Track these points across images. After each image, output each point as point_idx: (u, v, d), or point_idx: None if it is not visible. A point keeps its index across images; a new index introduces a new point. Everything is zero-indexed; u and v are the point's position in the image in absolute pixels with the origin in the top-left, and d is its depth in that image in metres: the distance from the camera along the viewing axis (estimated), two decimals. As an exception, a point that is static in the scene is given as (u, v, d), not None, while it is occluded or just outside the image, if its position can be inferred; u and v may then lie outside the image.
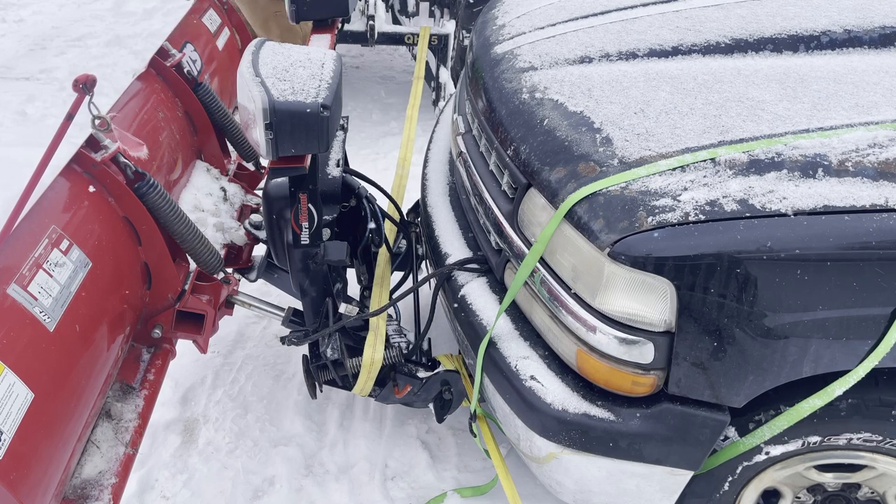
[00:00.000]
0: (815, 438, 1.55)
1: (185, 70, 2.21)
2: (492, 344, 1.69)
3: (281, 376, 2.60)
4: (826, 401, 1.45)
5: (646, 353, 1.43)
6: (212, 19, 2.71)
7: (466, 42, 4.27)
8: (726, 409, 1.50)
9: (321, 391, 2.10)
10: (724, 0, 2.08)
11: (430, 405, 2.07)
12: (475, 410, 1.91)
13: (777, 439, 1.55)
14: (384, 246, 2.26)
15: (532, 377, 1.59)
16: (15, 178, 1.35)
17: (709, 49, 1.84)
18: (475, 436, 2.02)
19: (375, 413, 2.46)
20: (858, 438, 1.54)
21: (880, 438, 1.53)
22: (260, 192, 2.38)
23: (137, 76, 2.07)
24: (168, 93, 2.17)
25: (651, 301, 1.39)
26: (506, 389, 1.64)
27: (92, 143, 1.62)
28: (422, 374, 2.00)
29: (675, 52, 1.85)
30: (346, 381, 2.01)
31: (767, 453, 1.58)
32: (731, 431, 1.57)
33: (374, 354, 1.92)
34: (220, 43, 2.72)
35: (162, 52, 2.17)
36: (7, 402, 1.22)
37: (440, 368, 2.01)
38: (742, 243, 1.33)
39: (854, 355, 1.41)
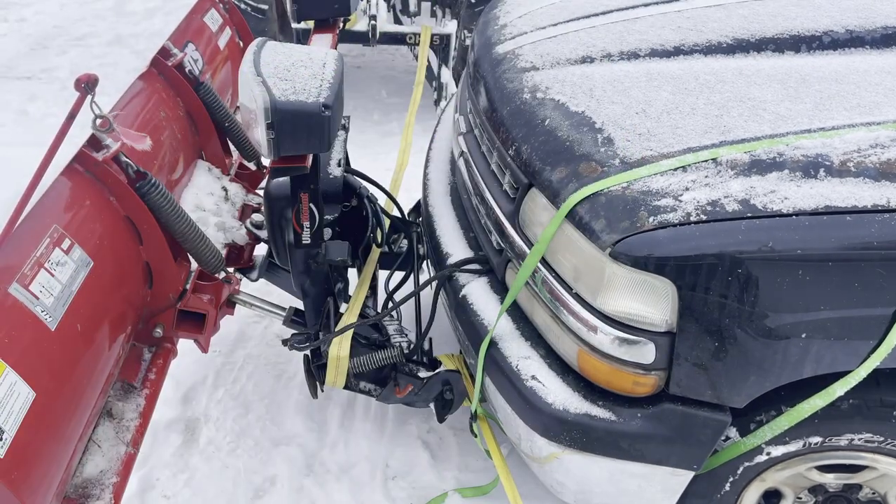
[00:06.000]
0: (816, 439, 1.55)
1: (187, 69, 2.20)
2: (493, 344, 1.69)
3: (282, 376, 2.60)
4: (827, 401, 1.45)
5: (647, 353, 1.43)
6: (213, 19, 2.71)
7: (468, 42, 4.27)
8: (727, 410, 1.50)
9: (322, 390, 2.10)
10: (725, 0, 2.08)
11: (432, 405, 2.07)
12: (476, 410, 1.91)
13: (778, 440, 1.55)
14: (379, 246, 2.27)
15: (533, 377, 1.59)
16: (16, 178, 1.35)
17: (710, 49, 1.84)
18: (476, 436, 2.02)
19: (377, 413, 2.46)
20: (860, 439, 1.53)
21: (881, 439, 1.53)
22: (261, 192, 2.38)
23: (139, 76, 2.07)
24: (169, 92, 2.17)
25: (652, 301, 1.39)
26: (507, 389, 1.64)
27: (93, 143, 1.61)
28: (423, 373, 2.00)
29: (677, 52, 1.85)
30: (348, 382, 2.01)
31: (769, 454, 1.58)
32: (733, 432, 1.57)
33: (339, 351, 1.91)
34: (222, 42, 2.72)
35: (164, 52, 2.17)
36: (9, 401, 1.22)
37: (441, 368, 2.01)
38: (743, 243, 1.33)
39: (855, 356, 1.41)
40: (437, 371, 2.00)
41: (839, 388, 1.43)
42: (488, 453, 1.99)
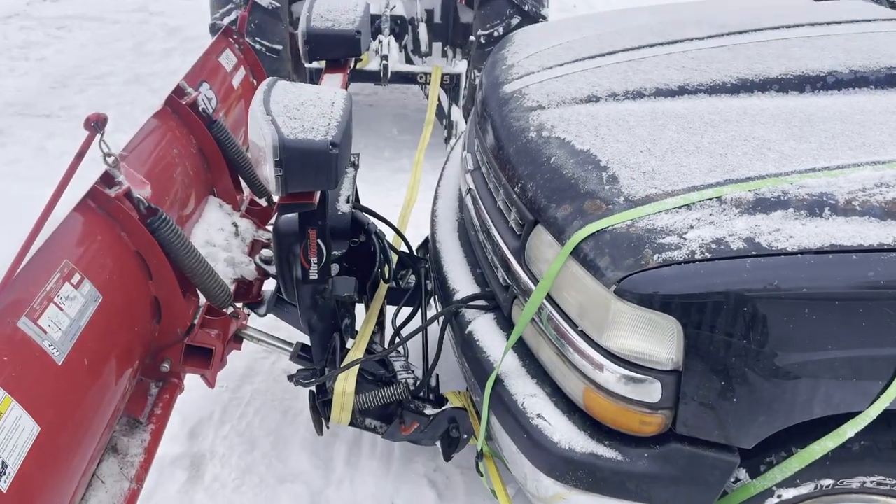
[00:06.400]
0: (827, 481, 1.52)
1: (201, 108, 2.25)
2: (499, 381, 1.68)
3: (289, 412, 2.59)
4: (838, 442, 1.43)
5: (653, 392, 1.41)
6: (228, 58, 2.77)
7: (478, 81, 4.33)
8: (736, 451, 1.48)
9: (327, 427, 2.08)
10: (730, 41, 2.11)
11: (438, 443, 2.05)
12: (482, 449, 1.89)
13: (789, 482, 1.52)
14: (386, 282, 2.27)
15: (539, 415, 1.58)
16: (34, 213, 1.38)
17: (715, 89, 1.86)
18: (482, 475, 1.99)
19: (383, 450, 2.44)
20: (872, 482, 1.50)
21: (894, 482, 1.50)
22: (271, 228, 2.40)
23: (154, 114, 2.11)
24: (183, 130, 2.21)
25: (658, 339, 1.38)
26: (513, 428, 1.63)
27: (106, 179, 1.64)
28: (429, 410, 1.99)
29: (682, 91, 1.87)
30: (353, 418, 2.00)
31: (780, 496, 1.55)
32: (742, 473, 1.54)
33: (345, 387, 1.91)
34: (236, 81, 2.78)
35: (178, 91, 2.21)
36: (13, 435, 1.22)
37: (447, 405, 1.99)
38: (749, 282, 1.32)
39: (865, 396, 1.39)
40: (443, 408, 1.98)
41: (849, 430, 1.41)
42: (494, 493, 1.97)
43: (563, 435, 1.53)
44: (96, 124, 1.42)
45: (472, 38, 4.57)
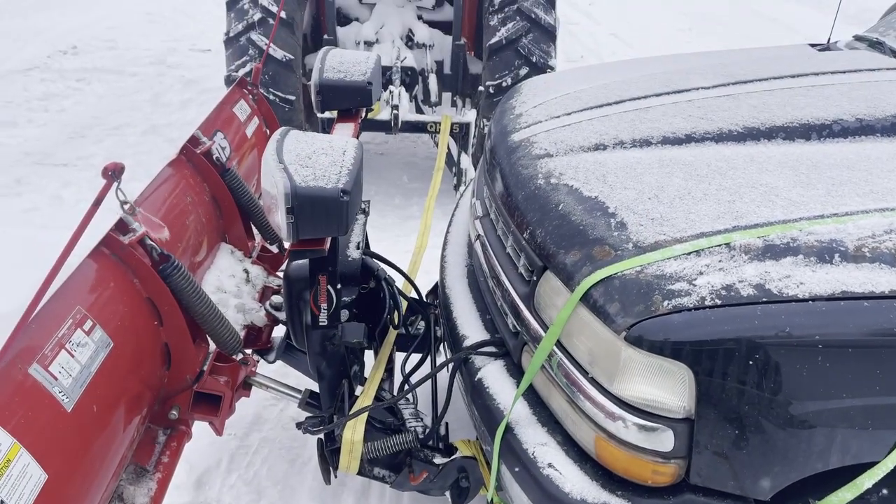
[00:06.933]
0: (847, 535, 1.48)
1: (215, 157, 2.29)
2: (509, 429, 1.66)
3: (296, 460, 2.56)
4: (856, 493, 1.39)
5: (665, 440, 1.39)
6: (242, 109, 2.83)
7: (487, 130, 4.39)
8: (752, 502, 1.44)
9: (335, 476, 2.06)
10: (735, 90, 2.14)
11: (447, 493, 2.01)
12: (492, 499, 1.86)
13: (808, 535, 1.48)
14: (396, 328, 2.27)
15: (550, 465, 1.56)
16: (46, 261, 1.40)
17: (721, 137, 1.88)
18: (493, 526, 1.95)
19: (391, 500, 2.40)
20: (893, 534, 1.46)
21: (916, 535, 1.46)
22: (281, 274, 2.41)
23: (169, 162, 2.16)
24: (197, 178, 2.25)
25: (669, 386, 1.37)
26: (523, 478, 1.60)
27: (121, 227, 1.67)
28: (438, 460, 1.96)
29: (689, 139, 1.89)
30: (361, 467, 1.97)
31: (798, 550, 1.51)
32: (759, 526, 1.51)
33: (353, 435, 1.89)
34: (249, 131, 2.83)
35: (193, 140, 2.26)
36: (21, 483, 1.22)
37: (457, 454, 1.97)
38: (760, 329, 1.32)
39: (883, 445, 1.36)
40: (452, 457, 1.96)
41: (867, 481, 1.38)
42: (505, 545, 1.92)
43: (574, 485, 1.51)
44: (113, 173, 1.45)
45: (480, 88, 4.66)
